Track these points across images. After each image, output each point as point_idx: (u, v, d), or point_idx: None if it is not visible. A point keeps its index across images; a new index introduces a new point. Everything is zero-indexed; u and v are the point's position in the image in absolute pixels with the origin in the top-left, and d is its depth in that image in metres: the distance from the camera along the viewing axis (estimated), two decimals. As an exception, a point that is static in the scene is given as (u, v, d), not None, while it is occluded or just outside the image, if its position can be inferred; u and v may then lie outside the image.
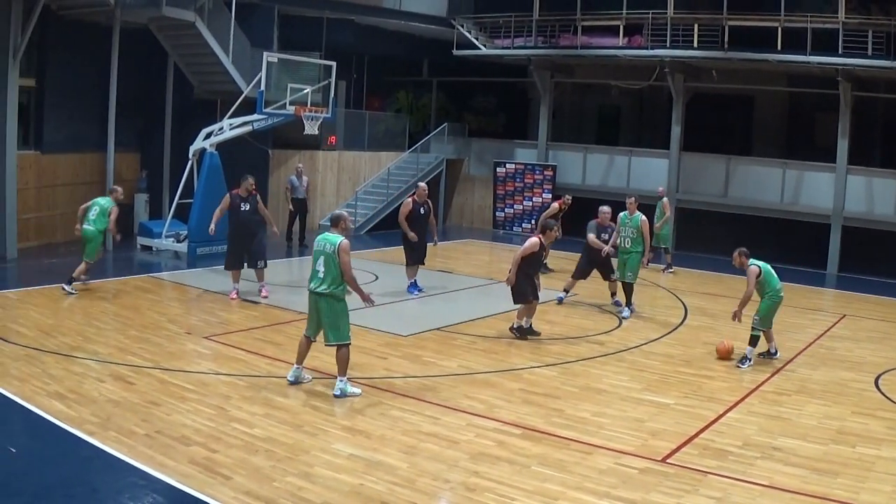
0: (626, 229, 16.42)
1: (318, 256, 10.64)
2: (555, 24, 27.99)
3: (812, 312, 18.17)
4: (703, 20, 25.03)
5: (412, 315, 15.73)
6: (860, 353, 14.38)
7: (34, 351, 11.82)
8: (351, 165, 28.60)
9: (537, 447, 9.22)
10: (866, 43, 22.27)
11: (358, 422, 9.74)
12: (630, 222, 16.43)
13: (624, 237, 16.43)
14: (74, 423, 9.12)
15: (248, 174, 16.63)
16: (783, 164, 25.67)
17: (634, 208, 16.67)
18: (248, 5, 24.60)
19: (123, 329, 13.45)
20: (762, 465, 8.95)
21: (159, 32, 22.88)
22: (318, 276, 10.64)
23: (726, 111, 29.63)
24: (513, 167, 30.05)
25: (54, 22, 20.99)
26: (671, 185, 26.84)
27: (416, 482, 8.11)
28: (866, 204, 24.11)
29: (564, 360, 12.99)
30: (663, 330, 15.34)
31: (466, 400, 10.79)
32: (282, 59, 20.99)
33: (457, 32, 29.17)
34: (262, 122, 20.66)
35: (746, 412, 10.83)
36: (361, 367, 11.95)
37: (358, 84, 31.32)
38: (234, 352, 12.46)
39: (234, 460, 8.40)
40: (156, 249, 21.15)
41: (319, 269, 10.62)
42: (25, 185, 20.37)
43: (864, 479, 8.66)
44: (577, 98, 33.86)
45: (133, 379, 10.86)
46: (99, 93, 21.79)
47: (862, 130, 26.10)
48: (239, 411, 9.88)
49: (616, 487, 8.20)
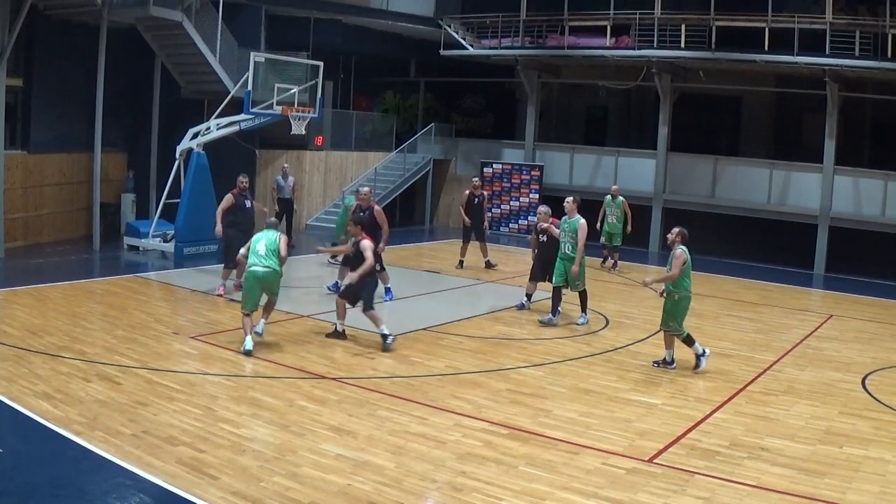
0: (566, 234, 15.34)
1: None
2: (542, 25, 28.02)
3: (799, 313, 18.23)
4: (691, 20, 25.09)
5: (399, 315, 15.70)
6: (848, 353, 14.42)
7: (21, 351, 11.76)
8: (338, 165, 28.57)
9: (525, 447, 9.22)
10: (853, 43, 22.35)
11: (345, 422, 9.72)
12: (568, 227, 15.32)
13: (565, 242, 15.35)
14: (61, 423, 9.09)
15: (242, 172, 16.88)
16: (770, 164, 25.75)
17: (574, 210, 15.43)
18: (235, 5, 24.57)
19: (110, 329, 13.40)
20: (749, 465, 8.97)
21: (146, 32, 22.81)
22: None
23: (714, 111, 29.73)
24: (500, 167, 30.06)
25: (41, 22, 20.92)
26: (658, 185, 26.91)
27: (404, 482, 8.11)
28: (853, 204, 24.20)
29: (552, 361, 12.99)
30: (650, 330, 15.35)
31: (454, 400, 10.78)
32: (269, 59, 20.93)
33: (444, 33, 29.17)
34: (249, 122, 20.60)
35: (734, 412, 10.85)
36: (349, 368, 11.94)
37: (345, 84, 31.33)
38: (221, 352, 12.42)
39: (222, 460, 8.38)
40: (143, 249, 21.08)
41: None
42: (12, 185, 20.29)
43: (851, 479, 8.69)
44: (565, 98, 33.88)
45: (120, 379, 10.83)
46: (86, 93, 21.72)
47: (849, 131, 26.22)
48: (226, 411, 9.86)
49: (603, 487, 8.20)
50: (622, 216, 21.89)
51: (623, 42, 26.43)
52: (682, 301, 12.54)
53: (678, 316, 12.56)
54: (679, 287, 12.47)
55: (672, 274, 12.40)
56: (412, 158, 30.34)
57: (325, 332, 13.74)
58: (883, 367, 13.48)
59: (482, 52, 29.28)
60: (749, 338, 15.19)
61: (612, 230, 21.92)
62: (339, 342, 13.26)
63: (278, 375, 11.43)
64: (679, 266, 12.32)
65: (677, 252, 12.43)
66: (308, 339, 13.40)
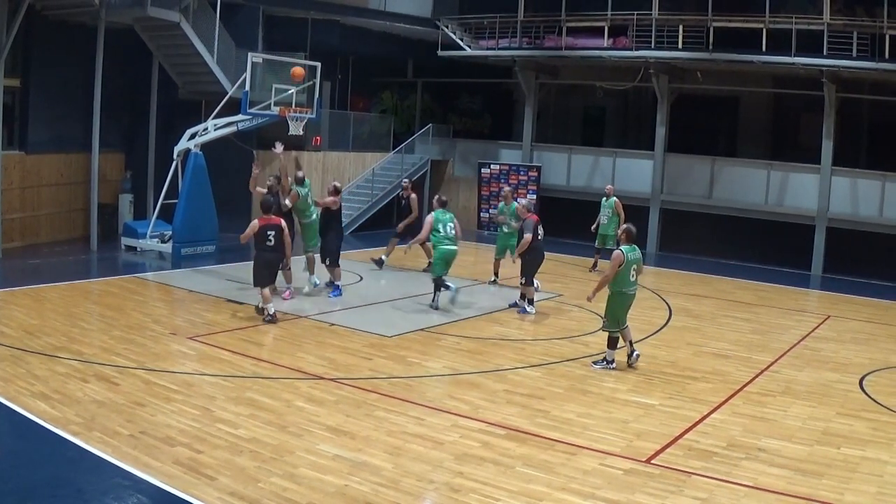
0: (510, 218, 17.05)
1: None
2: (539, 25, 27.99)
3: (797, 313, 18.23)
4: (688, 21, 25.09)
5: (396, 316, 15.70)
6: (845, 354, 14.43)
7: (18, 351, 11.76)
8: (335, 166, 28.53)
9: (522, 448, 9.22)
10: (851, 44, 22.34)
11: (343, 423, 9.72)
12: (508, 210, 17.28)
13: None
14: (59, 424, 9.09)
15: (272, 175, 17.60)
16: (768, 165, 25.75)
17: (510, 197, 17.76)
18: (233, 6, 24.55)
19: (108, 329, 13.40)
20: (747, 465, 8.97)
21: (144, 33, 22.80)
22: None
23: (711, 112, 29.68)
24: (497, 168, 30.04)
25: (39, 22, 20.92)
26: (656, 186, 26.91)
27: (401, 483, 8.11)
28: (851, 205, 24.20)
29: (549, 361, 13.00)
30: (647, 331, 15.36)
31: (451, 401, 10.79)
32: (266, 59, 20.92)
33: (442, 33, 29.13)
34: (246, 122, 20.59)
35: (731, 413, 10.86)
36: (347, 368, 11.94)
37: (343, 85, 31.29)
38: (218, 352, 12.42)
39: (219, 461, 8.38)
40: (140, 250, 21.07)
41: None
42: (10, 186, 20.29)
43: (848, 479, 8.70)
44: (562, 99, 33.85)
45: (117, 379, 10.83)
46: (84, 93, 21.73)
47: (846, 132, 26.19)
48: (224, 412, 9.86)
49: (601, 488, 8.21)
50: (614, 217, 21.23)
51: (620, 43, 26.42)
52: (616, 297, 12.51)
53: (609, 312, 12.55)
54: (613, 283, 12.45)
55: (606, 276, 12.51)
56: (410, 159, 30.31)
57: (323, 332, 13.77)
58: (880, 367, 13.48)
59: (480, 53, 29.25)
60: (746, 338, 15.19)
61: (603, 231, 21.49)
62: (336, 342, 13.26)
63: (276, 376, 11.43)
64: (615, 267, 12.31)
65: (615, 253, 12.50)
66: (306, 340, 13.40)
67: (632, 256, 12.43)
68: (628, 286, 12.48)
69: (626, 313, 12.69)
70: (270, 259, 14.40)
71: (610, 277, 12.37)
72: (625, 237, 12.64)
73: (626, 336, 12.78)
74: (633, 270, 12.48)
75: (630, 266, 12.40)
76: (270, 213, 14.45)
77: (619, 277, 12.37)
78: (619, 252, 12.39)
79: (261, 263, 14.34)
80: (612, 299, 12.54)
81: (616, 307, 12.53)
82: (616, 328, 12.57)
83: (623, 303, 12.57)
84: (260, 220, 14.31)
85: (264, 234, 14.19)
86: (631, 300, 12.70)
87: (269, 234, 14.20)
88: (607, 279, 12.42)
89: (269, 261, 14.38)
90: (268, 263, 14.37)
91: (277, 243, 14.28)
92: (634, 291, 12.69)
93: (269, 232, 14.20)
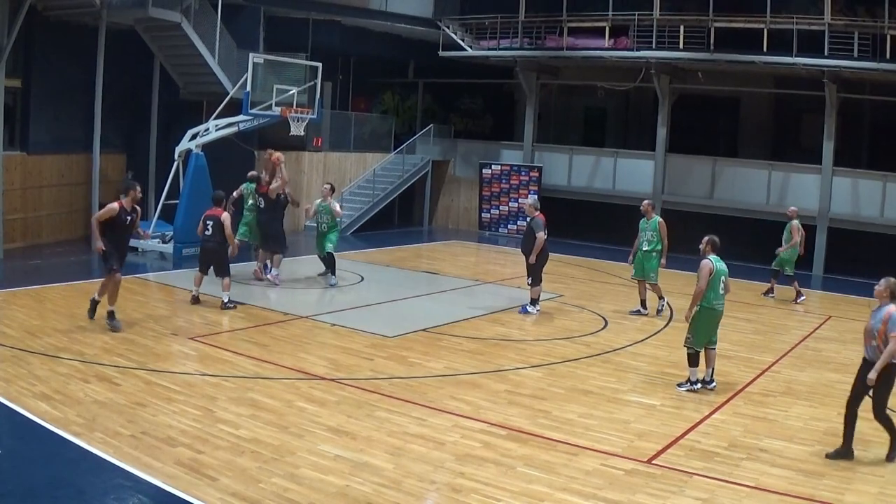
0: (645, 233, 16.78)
1: None
2: (541, 26, 28.02)
3: (798, 314, 18.24)
4: (689, 21, 25.10)
5: (398, 316, 15.70)
6: (846, 354, 14.38)
7: (20, 352, 11.75)
8: (336, 166, 28.56)
9: (523, 448, 9.22)
10: (852, 44, 22.35)
11: (344, 423, 9.72)
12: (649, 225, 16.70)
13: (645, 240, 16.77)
14: (60, 424, 9.08)
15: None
16: (769, 165, 25.76)
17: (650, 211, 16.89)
18: (234, 6, 24.55)
19: (109, 330, 13.38)
20: (748, 466, 8.97)
21: (145, 33, 22.80)
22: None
23: (712, 113, 29.70)
24: (498, 168, 30.07)
25: (40, 22, 20.90)
26: (657, 186, 26.90)
27: (402, 483, 8.11)
28: (852, 205, 24.21)
29: (550, 362, 13.00)
30: (649, 331, 15.36)
31: (452, 401, 10.78)
32: (268, 60, 20.93)
33: (443, 34, 29.16)
34: (247, 122, 20.61)
35: (732, 413, 10.86)
36: (348, 369, 11.94)
37: (344, 85, 31.31)
38: (219, 353, 12.42)
39: (221, 461, 8.37)
40: (141, 250, 21.05)
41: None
42: (11, 186, 20.28)
43: (849, 480, 8.70)
44: (563, 99, 33.89)
45: (119, 380, 10.82)
46: (85, 93, 21.72)
47: (848, 132, 26.22)
48: (225, 412, 9.85)
49: (602, 489, 8.21)
50: (788, 239, 19.29)
51: (622, 43, 26.43)
52: (703, 313, 11.64)
53: (694, 329, 11.71)
54: (702, 299, 11.63)
55: (698, 288, 11.57)
56: (411, 159, 30.34)
57: (324, 332, 13.79)
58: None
59: (481, 53, 29.28)
60: (748, 339, 15.19)
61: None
62: (337, 343, 13.27)
63: (277, 376, 11.42)
64: (705, 277, 11.50)
65: (702, 263, 11.69)
66: (307, 340, 13.41)
67: (720, 267, 11.67)
68: (717, 300, 11.66)
69: (714, 331, 11.87)
70: (206, 248, 15.61)
71: (703, 289, 11.47)
72: (710, 247, 11.88)
73: (710, 360, 11.90)
74: (721, 283, 11.66)
75: (718, 277, 11.61)
76: (214, 206, 15.68)
77: (707, 291, 11.55)
78: (708, 261, 11.64)
79: (201, 250, 15.87)
80: (699, 315, 11.65)
81: (703, 323, 11.68)
82: (699, 346, 11.73)
83: (711, 319, 11.72)
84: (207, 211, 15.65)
85: (204, 224, 15.48)
86: (719, 317, 11.83)
87: (208, 224, 15.41)
88: (701, 291, 11.49)
89: (204, 249, 15.66)
90: (204, 251, 15.68)
91: (215, 233, 15.30)
92: (722, 308, 11.83)
93: (208, 222, 15.42)
